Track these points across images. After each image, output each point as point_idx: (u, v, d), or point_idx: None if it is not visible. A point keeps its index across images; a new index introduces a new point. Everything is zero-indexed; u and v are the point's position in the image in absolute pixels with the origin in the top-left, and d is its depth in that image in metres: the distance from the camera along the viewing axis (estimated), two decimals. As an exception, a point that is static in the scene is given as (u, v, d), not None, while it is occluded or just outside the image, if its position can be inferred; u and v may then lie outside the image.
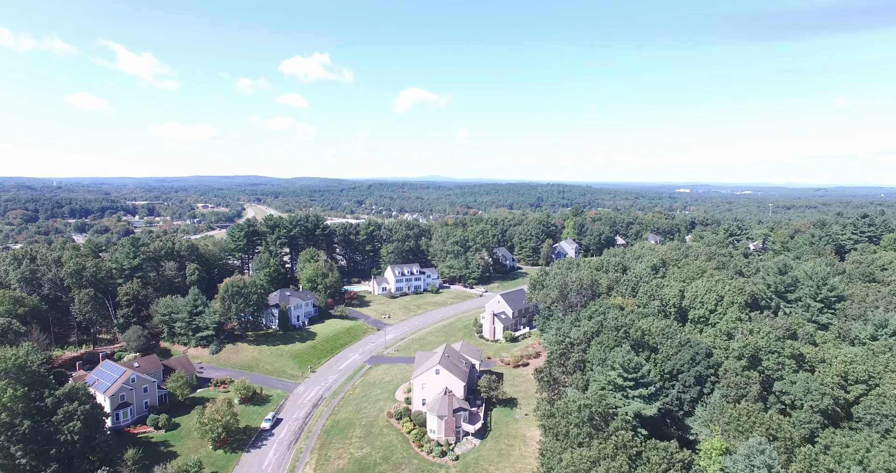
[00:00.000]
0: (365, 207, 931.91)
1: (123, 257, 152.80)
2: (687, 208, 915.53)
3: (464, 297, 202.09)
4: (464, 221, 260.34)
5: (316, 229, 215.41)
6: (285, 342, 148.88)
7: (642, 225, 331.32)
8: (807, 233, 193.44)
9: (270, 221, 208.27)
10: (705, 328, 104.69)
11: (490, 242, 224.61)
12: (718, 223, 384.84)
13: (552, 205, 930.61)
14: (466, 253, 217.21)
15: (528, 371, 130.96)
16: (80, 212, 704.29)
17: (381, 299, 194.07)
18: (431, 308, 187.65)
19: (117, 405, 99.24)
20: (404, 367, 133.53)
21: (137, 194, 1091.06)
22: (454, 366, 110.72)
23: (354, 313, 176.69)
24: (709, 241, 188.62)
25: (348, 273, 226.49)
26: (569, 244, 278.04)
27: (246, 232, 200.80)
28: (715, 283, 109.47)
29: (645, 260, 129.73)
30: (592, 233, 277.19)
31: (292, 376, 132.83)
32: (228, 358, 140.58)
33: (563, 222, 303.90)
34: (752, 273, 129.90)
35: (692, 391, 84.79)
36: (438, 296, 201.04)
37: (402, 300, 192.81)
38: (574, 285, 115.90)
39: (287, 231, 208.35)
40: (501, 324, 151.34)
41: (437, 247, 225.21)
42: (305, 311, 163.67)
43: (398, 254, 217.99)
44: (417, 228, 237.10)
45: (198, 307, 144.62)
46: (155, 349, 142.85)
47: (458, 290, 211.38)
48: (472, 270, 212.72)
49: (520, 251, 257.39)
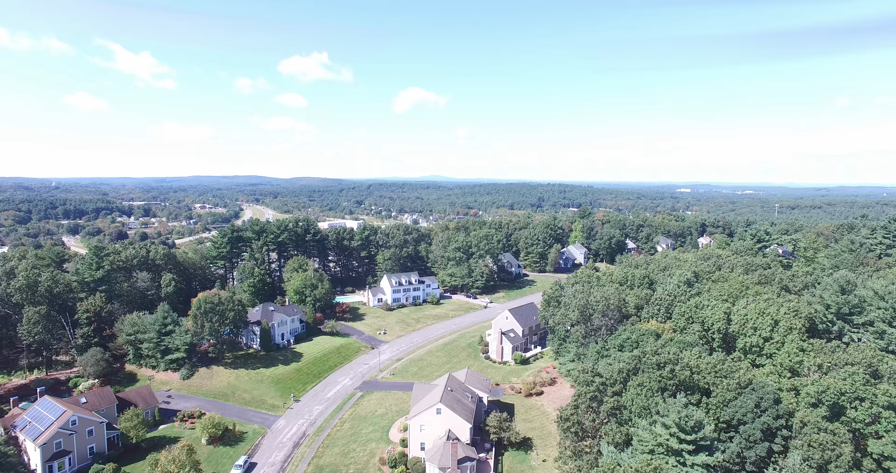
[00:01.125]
0: (364, 207, 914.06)
1: (85, 269, 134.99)
2: (690, 208, 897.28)
3: (467, 309, 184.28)
4: (466, 224, 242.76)
5: (306, 235, 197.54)
6: (267, 365, 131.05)
7: (652, 228, 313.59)
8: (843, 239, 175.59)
9: (256, 226, 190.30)
10: (758, 357, 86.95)
11: (495, 247, 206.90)
12: (729, 226, 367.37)
13: (553, 205, 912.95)
14: (469, 260, 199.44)
15: (543, 402, 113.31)
16: (74, 213, 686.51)
17: (376, 311, 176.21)
18: (432, 322, 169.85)
19: (51, 455, 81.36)
20: (400, 396, 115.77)
21: (135, 194, 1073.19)
22: (458, 403, 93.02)
23: (346, 328, 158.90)
24: (737, 248, 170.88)
25: (342, 282, 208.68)
26: (577, 249, 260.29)
27: (230, 238, 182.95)
28: (766, 304, 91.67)
29: (676, 275, 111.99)
30: (602, 237, 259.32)
31: (272, 406, 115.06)
32: (201, 385, 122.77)
33: (570, 225, 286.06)
34: (800, 289, 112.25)
35: (758, 447, 67.00)
36: (439, 308, 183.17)
37: (400, 313, 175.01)
38: (599, 305, 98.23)
39: (275, 237, 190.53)
40: (510, 344, 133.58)
41: (437, 253, 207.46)
42: (291, 328, 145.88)
43: (395, 261, 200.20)
44: (416, 232, 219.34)
45: (167, 325, 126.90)
46: (119, 373, 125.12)
47: (460, 300, 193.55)
48: (475, 278, 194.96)
49: (526, 257, 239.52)
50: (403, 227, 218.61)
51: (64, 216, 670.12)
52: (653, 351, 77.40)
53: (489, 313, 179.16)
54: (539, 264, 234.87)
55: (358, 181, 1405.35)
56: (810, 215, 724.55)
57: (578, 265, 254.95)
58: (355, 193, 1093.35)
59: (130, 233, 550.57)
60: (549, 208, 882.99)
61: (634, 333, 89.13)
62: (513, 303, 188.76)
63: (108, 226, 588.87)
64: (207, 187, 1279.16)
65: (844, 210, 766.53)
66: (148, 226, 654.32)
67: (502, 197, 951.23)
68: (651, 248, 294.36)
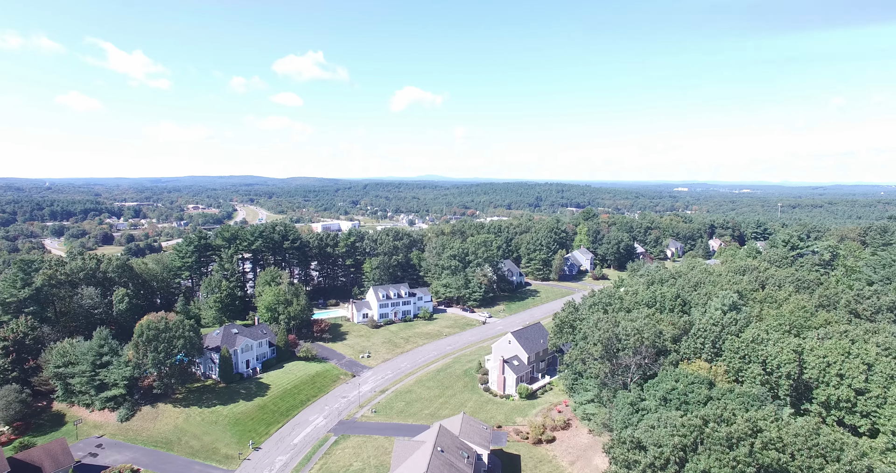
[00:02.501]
0: (360, 207, 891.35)
1: (8, 287, 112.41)
2: (689, 207, 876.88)
3: (463, 325, 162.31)
4: (462, 228, 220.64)
5: (284, 241, 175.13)
6: (225, 401, 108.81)
7: (660, 230, 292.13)
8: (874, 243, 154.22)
9: (227, 232, 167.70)
10: (848, 415, 65.29)
11: (494, 255, 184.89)
12: (738, 227, 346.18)
13: (551, 205, 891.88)
14: (465, 269, 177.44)
15: (555, 452, 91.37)
16: (61, 214, 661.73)
17: (360, 329, 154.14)
18: (423, 342, 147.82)
19: None
20: (382, 444, 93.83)
21: (129, 194, 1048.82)
22: (450, 467, 71.28)
23: (324, 351, 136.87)
24: (770, 256, 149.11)
25: (325, 293, 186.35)
26: (583, 254, 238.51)
27: (196, 246, 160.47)
28: (848, 340, 69.94)
29: (720, 296, 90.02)
30: (610, 241, 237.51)
31: (226, 457, 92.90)
32: (142, 429, 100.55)
33: (574, 227, 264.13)
34: (873, 314, 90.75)
35: None
36: (432, 324, 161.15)
37: (387, 331, 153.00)
38: (630, 340, 76.41)
39: (248, 245, 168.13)
40: (514, 374, 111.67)
41: (430, 261, 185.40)
42: (259, 353, 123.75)
43: (384, 270, 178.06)
44: (408, 237, 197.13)
45: (104, 355, 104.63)
46: (42, 414, 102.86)
47: (455, 315, 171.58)
48: (472, 290, 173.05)
49: (528, 264, 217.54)
50: (393, 232, 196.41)
51: (51, 218, 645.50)
52: (716, 416, 55.55)
53: (488, 330, 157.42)
54: (542, 272, 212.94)
55: (354, 181, 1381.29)
56: (813, 214, 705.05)
57: (584, 272, 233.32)
58: (351, 193, 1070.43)
59: (117, 235, 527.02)
60: (546, 208, 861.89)
61: (680, 380, 67.30)
62: (514, 319, 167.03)
63: (94, 228, 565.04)
64: (202, 187, 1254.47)
65: (846, 209, 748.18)
66: (137, 227, 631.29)
67: (500, 197, 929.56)
68: (660, 252, 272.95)
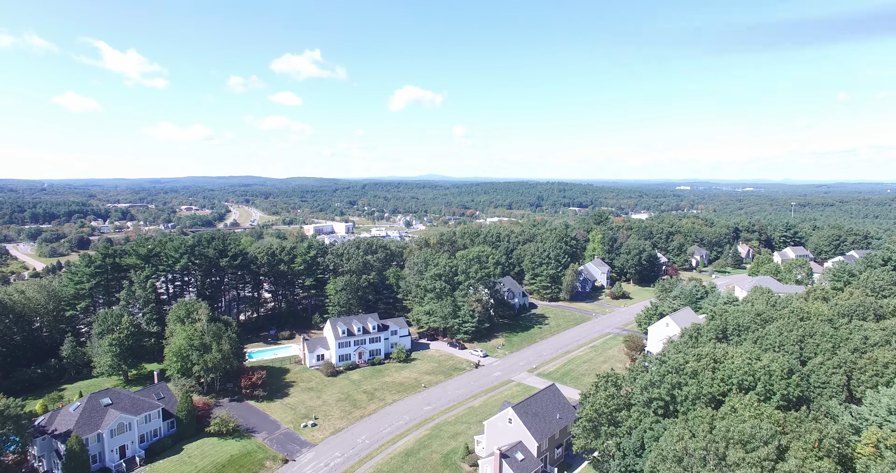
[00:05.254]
0: (357, 208, 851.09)
1: None
2: (695, 206, 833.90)
3: (449, 369, 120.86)
4: (452, 238, 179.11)
5: (222, 257, 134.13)
6: (65, 526, 68.30)
7: (682, 235, 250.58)
8: None
9: (144, 246, 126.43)
10: None
11: (491, 272, 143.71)
12: (765, 230, 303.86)
13: (553, 204, 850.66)
14: (454, 292, 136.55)
15: None
16: (44, 217, 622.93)
17: (312, 377, 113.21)
18: (393, 398, 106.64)
19: None
20: None
21: (125, 196, 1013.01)
22: None
23: (254, 416, 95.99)
24: (873, 283, 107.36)
25: (280, 321, 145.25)
26: (597, 267, 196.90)
27: (99, 267, 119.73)
28: None
29: (885, 396, 48.96)
30: (629, 250, 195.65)
31: None
32: None
33: (585, 233, 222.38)
34: None
35: None
36: (408, 368, 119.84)
37: (347, 380, 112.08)
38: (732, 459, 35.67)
39: (172, 262, 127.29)
40: (517, 477, 70.78)
41: (411, 281, 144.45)
42: (144, 432, 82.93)
43: (352, 292, 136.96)
44: (383, 251, 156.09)
45: None
46: None
47: (440, 352, 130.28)
48: (462, 319, 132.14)
49: (532, 280, 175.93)
50: (365, 244, 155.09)
51: (32, 220, 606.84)
52: None
53: (482, 377, 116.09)
54: (550, 291, 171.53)
55: (353, 181, 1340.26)
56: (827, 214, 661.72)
57: (600, 289, 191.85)
58: (349, 193, 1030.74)
59: (94, 239, 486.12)
60: (548, 208, 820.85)
61: None
62: (517, 359, 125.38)
63: (74, 231, 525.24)
64: (200, 187, 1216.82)
65: (860, 208, 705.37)
66: (122, 230, 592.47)
67: (500, 196, 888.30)
68: (684, 261, 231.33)
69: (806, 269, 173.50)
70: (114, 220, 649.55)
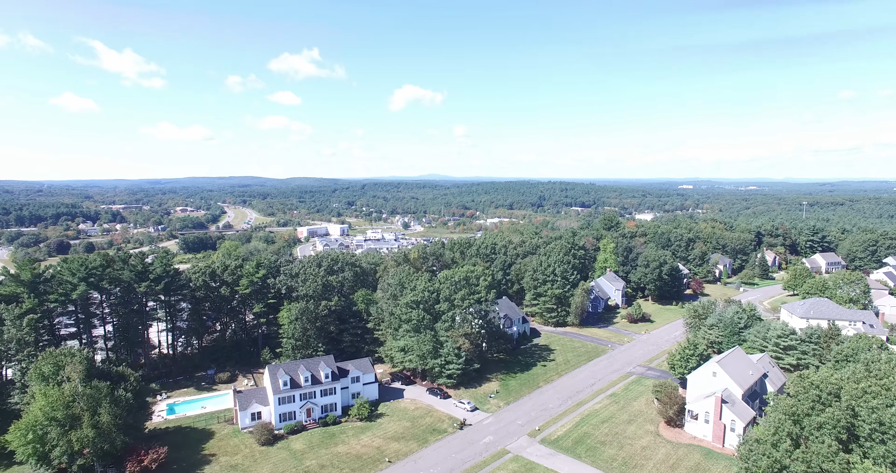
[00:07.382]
0: (355, 209, 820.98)
1: None
2: (700, 206, 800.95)
3: (425, 432, 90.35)
4: (438, 251, 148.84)
5: (142, 281, 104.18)
6: None
7: (702, 241, 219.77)
8: None
9: (26, 270, 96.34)
10: None
11: (483, 297, 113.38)
12: (789, 234, 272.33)
13: (555, 204, 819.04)
14: (436, 324, 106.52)
15: None
16: (30, 219, 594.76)
17: (240, 447, 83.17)
18: (343, 483, 76.71)
19: None
20: None
21: (122, 197, 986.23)
22: None
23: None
24: None
25: (223, 356, 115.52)
26: (611, 282, 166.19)
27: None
28: None
29: None
30: (647, 263, 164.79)
31: None
32: None
33: (594, 242, 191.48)
34: None
35: None
36: (370, 432, 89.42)
37: (287, 452, 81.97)
38: None
39: (69, 289, 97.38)
40: None
41: (384, 306, 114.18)
42: None
43: (309, 321, 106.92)
44: (352, 269, 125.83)
45: None
46: None
47: (416, 404, 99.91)
48: (445, 358, 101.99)
49: (534, 301, 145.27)
50: (329, 260, 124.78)
51: (17, 223, 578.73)
52: None
53: (468, 446, 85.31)
54: (556, 314, 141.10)
55: (353, 181, 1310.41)
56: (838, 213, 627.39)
57: (614, 309, 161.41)
58: (348, 193, 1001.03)
59: (75, 243, 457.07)
60: (550, 208, 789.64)
61: None
62: (515, 414, 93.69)
63: (56, 234, 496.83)
64: (199, 188, 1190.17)
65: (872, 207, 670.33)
66: (110, 232, 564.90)
67: (501, 196, 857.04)
68: (707, 272, 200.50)
69: (862, 285, 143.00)
70: (103, 222, 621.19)
